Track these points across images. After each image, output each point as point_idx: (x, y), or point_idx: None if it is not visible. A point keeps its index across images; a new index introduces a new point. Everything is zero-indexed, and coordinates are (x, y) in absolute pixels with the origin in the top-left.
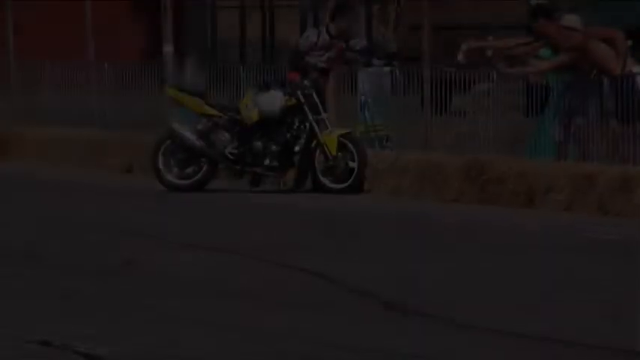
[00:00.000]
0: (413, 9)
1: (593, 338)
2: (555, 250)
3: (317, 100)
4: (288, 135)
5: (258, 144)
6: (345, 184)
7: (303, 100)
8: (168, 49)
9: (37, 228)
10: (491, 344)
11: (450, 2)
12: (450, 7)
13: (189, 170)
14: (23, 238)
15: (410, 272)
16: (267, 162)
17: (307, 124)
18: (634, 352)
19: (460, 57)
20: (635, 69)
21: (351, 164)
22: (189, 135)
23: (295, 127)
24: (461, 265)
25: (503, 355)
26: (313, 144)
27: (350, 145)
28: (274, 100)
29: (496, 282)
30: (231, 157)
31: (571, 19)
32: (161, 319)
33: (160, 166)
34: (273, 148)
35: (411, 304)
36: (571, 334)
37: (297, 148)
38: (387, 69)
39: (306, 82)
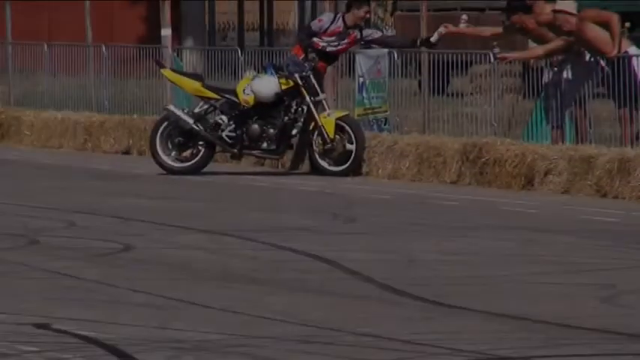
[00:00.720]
0: None
1: (590, 320)
2: (553, 231)
3: (314, 81)
4: (286, 118)
5: (256, 127)
6: (343, 167)
7: (300, 82)
8: (166, 33)
9: (35, 212)
10: (486, 326)
11: None
12: None
13: (187, 153)
14: (22, 223)
15: (407, 254)
16: (264, 145)
17: (305, 107)
18: (630, 335)
19: (434, 38)
20: (631, 50)
21: (349, 146)
22: (186, 118)
23: (293, 109)
24: (459, 247)
25: (499, 338)
26: (311, 126)
27: (348, 128)
28: (270, 85)
29: (494, 264)
30: (229, 140)
31: (565, 3)
32: (160, 303)
33: (158, 149)
34: (271, 131)
35: (408, 286)
36: (569, 316)
37: (294, 131)
38: (384, 51)
39: (302, 62)
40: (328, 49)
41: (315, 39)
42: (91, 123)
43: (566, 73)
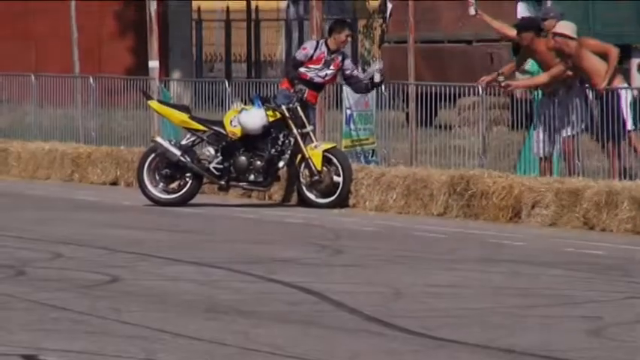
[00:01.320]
0: (398, 25)
1: (577, 353)
2: (541, 264)
3: (302, 113)
4: (273, 150)
5: (243, 159)
6: (331, 199)
7: (287, 114)
8: (153, 64)
9: (22, 243)
10: (473, 358)
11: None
12: (434, 24)
13: (175, 185)
14: (9, 254)
15: (395, 287)
16: (251, 177)
17: (292, 139)
18: None
19: (377, 77)
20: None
21: (337, 179)
22: (173, 150)
23: (280, 141)
24: (446, 280)
25: None
26: (298, 158)
27: (335, 160)
28: (257, 117)
29: (481, 296)
30: (216, 172)
31: (566, 26)
32: (147, 335)
33: (145, 180)
34: (258, 163)
35: (395, 318)
36: (556, 348)
37: (281, 163)
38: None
39: (292, 95)
40: (316, 79)
41: (301, 70)
42: (78, 154)
43: (557, 103)
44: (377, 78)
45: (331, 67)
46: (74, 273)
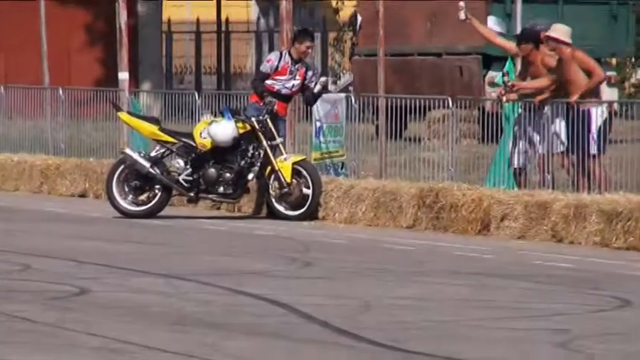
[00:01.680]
0: (368, 37)
1: None
2: (509, 277)
3: (271, 125)
4: (243, 162)
5: (212, 171)
6: (300, 211)
7: (257, 126)
8: (123, 76)
9: None
10: None
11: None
12: (404, 36)
13: (144, 197)
14: None
15: (363, 299)
16: (221, 189)
17: (262, 151)
18: None
19: (317, 88)
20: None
21: (306, 191)
22: (143, 161)
23: (250, 153)
24: (415, 292)
25: None
26: (268, 170)
27: (305, 172)
28: (227, 129)
29: (450, 309)
30: (186, 184)
31: (560, 30)
32: (115, 347)
33: (115, 192)
34: (227, 175)
35: (364, 330)
36: None
37: (251, 176)
38: (342, 95)
39: (262, 107)
40: (283, 91)
41: (268, 82)
42: (47, 166)
43: (538, 118)
44: (316, 89)
45: (297, 78)
46: (42, 285)
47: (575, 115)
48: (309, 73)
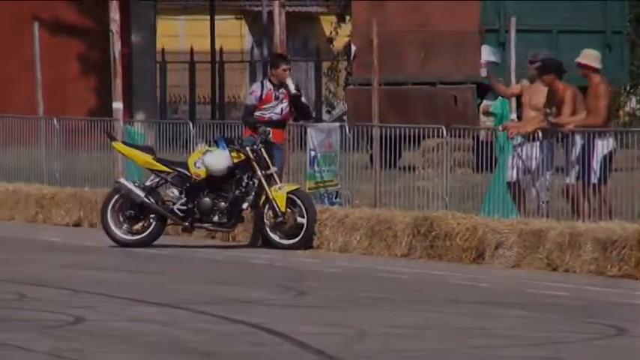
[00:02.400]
0: (362, 67)
1: None
2: (504, 305)
3: (265, 155)
4: (237, 191)
5: (207, 200)
6: (295, 240)
7: (251, 155)
8: (117, 105)
9: None
10: None
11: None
12: (398, 65)
13: (138, 226)
14: None
15: (358, 328)
16: (215, 218)
17: (256, 180)
18: None
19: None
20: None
21: (301, 220)
22: (137, 191)
23: (244, 183)
24: (409, 321)
25: None
26: (262, 200)
27: (299, 201)
28: (222, 158)
29: (444, 337)
30: (180, 214)
31: (590, 56)
32: None
33: (109, 221)
34: (222, 204)
35: (359, 359)
36: None
37: (245, 205)
38: (336, 125)
39: (257, 138)
40: (274, 117)
41: (257, 113)
42: (42, 195)
43: (537, 146)
44: (292, 89)
45: (284, 101)
46: (37, 314)
47: (584, 142)
48: (291, 85)
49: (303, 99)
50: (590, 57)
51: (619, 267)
